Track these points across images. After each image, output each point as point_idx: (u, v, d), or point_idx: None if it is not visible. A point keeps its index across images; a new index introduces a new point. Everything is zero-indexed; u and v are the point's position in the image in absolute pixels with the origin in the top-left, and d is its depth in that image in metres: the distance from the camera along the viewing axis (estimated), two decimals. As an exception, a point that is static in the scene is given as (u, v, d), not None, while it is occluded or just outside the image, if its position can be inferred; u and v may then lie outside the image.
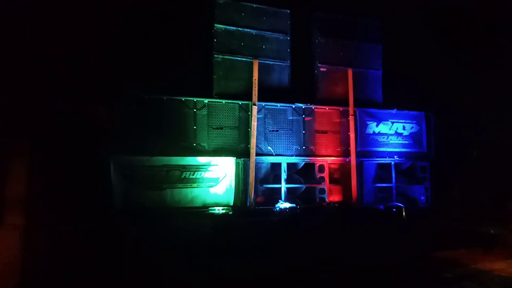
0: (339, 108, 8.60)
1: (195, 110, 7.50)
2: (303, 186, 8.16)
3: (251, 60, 8.13)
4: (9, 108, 5.45)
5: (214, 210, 7.13)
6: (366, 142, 8.72)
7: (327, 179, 8.24)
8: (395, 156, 8.90)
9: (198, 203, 7.10)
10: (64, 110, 6.33)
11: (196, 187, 7.11)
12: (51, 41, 6.17)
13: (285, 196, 7.80)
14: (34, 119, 5.70)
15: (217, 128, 7.62)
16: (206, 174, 7.16)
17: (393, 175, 8.69)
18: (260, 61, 8.21)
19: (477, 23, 10.89)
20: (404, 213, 7.94)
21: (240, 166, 7.59)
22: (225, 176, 7.29)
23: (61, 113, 6.26)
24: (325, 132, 8.45)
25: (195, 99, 7.51)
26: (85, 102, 6.88)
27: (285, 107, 8.16)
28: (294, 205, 7.51)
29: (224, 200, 7.27)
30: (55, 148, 6.03)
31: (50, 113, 6.03)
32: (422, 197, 8.94)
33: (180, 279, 5.29)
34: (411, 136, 9.11)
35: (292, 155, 8.10)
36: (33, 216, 5.27)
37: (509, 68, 10.90)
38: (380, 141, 8.84)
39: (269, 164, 8.03)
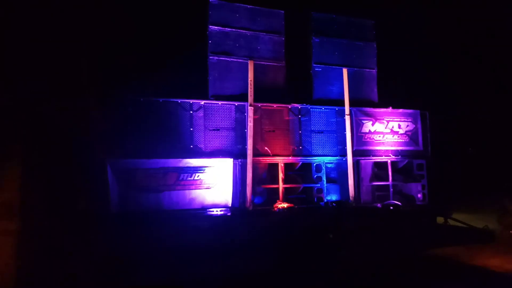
0: (335, 107, 8.63)
1: (191, 112, 7.49)
2: (301, 186, 8.18)
3: (246, 61, 8.13)
4: (0, 111, 5.38)
5: (212, 211, 7.12)
6: (362, 141, 8.76)
7: (324, 179, 8.27)
8: (390, 155, 8.94)
9: (196, 205, 7.09)
10: (59, 113, 6.27)
11: (194, 189, 7.09)
12: (45, 43, 6.12)
13: (283, 196, 7.81)
14: (26, 122, 5.63)
15: (214, 130, 7.61)
16: (203, 176, 7.14)
17: (390, 173, 8.73)
18: (255, 61, 8.21)
19: (472, 21, 10.98)
20: (401, 211, 7.99)
21: (238, 167, 7.58)
22: (222, 178, 7.27)
23: (56, 116, 6.20)
24: (321, 131, 8.47)
25: (191, 101, 7.50)
26: (81, 105, 6.83)
27: (281, 108, 8.18)
28: (292, 205, 7.52)
29: (222, 202, 7.25)
30: (50, 152, 5.97)
31: (44, 116, 5.96)
32: (419, 195, 8.99)
33: (179, 282, 5.28)
34: (406, 134, 9.16)
35: (289, 155, 8.10)
36: (27, 221, 5.21)
37: (504, 65, 11.00)
38: (376, 140, 8.88)
39: (266, 165, 8.03)
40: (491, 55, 11.26)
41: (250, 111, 7.73)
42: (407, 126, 9.17)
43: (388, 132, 8.97)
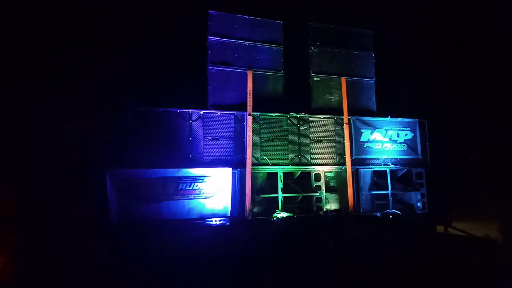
0: (333, 116, 8.66)
1: (190, 121, 7.52)
2: (300, 195, 8.16)
3: (245, 70, 8.20)
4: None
5: (211, 221, 7.10)
6: (361, 149, 8.76)
7: (323, 188, 8.26)
8: (390, 163, 8.94)
9: (195, 214, 7.08)
10: (58, 124, 6.31)
11: (193, 199, 7.09)
12: (45, 54, 6.18)
13: (282, 205, 7.79)
14: (24, 132, 5.65)
15: (213, 139, 7.64)
16: (202, 185, 7.14)
17: (389, 182, 8.72)
18: (254, 71, 8.28)
19: (469, 29, 11.05)
20: (401, 220, 7.95)
21: (237, 176, 7.59)
22: (221, 187, 7.27)
23: (55, 127, 6.23)
24: (320, 140, 8.49)
25: (190, 111, 7.54)
26: (80, 115, 6.87)
27: (280, 117, 8.21)
28: (291, 214, 7.50)
29: (221, 211, 7.24)
30: (48, 162, 5.99)
31: (41, 126, 5.98)
32: (419, 203, 8.96)
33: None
34: (405, 142, 9.17)
35: (288, 165, 8.11)
36: (24, 232, 5.20)
37: (502, 73, 11.04)
38: (375, 149, 8.89)
39: (266, 174, 8.03)
40: (490, 62, 11.31)
41: (249, 120, 7.77)
42: (406, 134, 9.19)
43: (387, 140, 8.99)
